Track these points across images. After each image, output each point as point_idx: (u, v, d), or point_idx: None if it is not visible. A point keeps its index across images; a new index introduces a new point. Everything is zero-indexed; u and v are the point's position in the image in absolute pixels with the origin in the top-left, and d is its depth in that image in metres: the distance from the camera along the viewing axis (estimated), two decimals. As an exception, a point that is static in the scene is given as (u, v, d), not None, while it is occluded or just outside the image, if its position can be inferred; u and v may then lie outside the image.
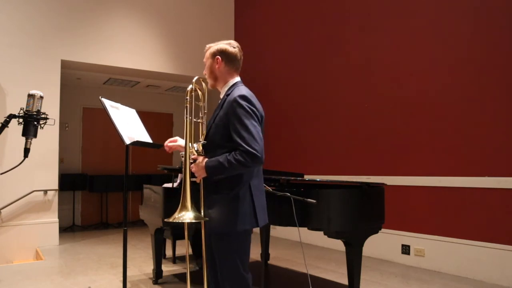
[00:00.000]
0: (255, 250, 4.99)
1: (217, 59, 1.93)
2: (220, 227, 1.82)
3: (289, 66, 6.07)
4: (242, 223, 1.80)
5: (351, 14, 5.09)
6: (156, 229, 3.54)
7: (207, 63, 1.98)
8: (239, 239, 1.84)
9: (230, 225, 1.80)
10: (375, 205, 3.00)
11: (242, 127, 1.74)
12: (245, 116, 1.76)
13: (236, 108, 1.78)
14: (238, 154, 1.72)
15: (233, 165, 1.71)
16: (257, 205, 1.85)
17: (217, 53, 1.94)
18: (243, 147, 1.71)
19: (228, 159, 1.73)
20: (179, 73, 6.61)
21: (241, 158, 1.71)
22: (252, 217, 1.83)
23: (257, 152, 1.71)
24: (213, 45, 1.98)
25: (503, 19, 3.61)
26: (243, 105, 1.78)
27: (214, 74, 1.96)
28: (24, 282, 3.65)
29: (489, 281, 3.57)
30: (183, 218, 1.72)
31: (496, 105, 3.63)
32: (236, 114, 1.77)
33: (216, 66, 1.94)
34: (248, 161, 1.71)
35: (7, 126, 2.14)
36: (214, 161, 1.77)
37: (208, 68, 1.98)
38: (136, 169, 7.56)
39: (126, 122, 2.71)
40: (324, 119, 5.40)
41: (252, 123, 1.76)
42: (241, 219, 1.80)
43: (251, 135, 1.72)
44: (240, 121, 1.75)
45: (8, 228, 5.02)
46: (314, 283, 3.48)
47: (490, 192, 3.61)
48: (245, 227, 1.82)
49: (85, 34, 5.77)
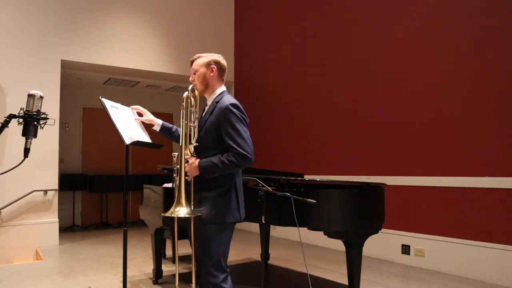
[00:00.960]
0: (255, 250, 5.01)
1: (212, 68, 2.12)
2: (212, 217, 2.00)
3: (289, 66, 6.07)
4: (230, 216, 2.02)
5: (351, 14, 5.09)
6: (156, 229, 3.54)
7: (200, 71, 2.13)
8: (226, 230, 2.04)
9: (221, 217, 2.00)
10: (375, 205, 3.00)
11: (235, 131, 1.96)
12: (237, 122, 1.98)
13: (228, 114, 1.98)
14: (231, 155, 1.93)
15: (226, 165, 1.93)
16: (240, 200, 2.08)
17: (212, 63, 2.13)
18: (236, 150, 1.93)
19: (221, 160, 1.94)
20: (179, 73, 6.61)
21: (234, 159, 1.93)
22: (236, 211, 2.05)
23: (248, 153, 1.94)
24: (205, 55, 2.16)
25: (503, 19, 3.61)
26: (235, 112, 1.99)
27: (206, 81, 2.13)
28: (24, 282, 3.65)
29: (489, 281, 3.57)
30: (178, 213, 1.90)
31: (496, 105, 3.63)
32: (229, 120, 1.98)
33: (211, 75, 2.13)
34: (241, 161, 1.93)
35: (7, 126, 2.14)
36: (207, 161, 1.98)
37: (201, 76, 2.13)
38: (136, 169, 7.56)
39: (126, 122, 2.71)
40: (324, 119, 5.40)
41: (243, 128, 1.99)
42: (230, 212, 2.02)
43: (243, 139, 1.95)
44: (233, 126, 1.97)
45: (8, 228, 5.02)
46: (314, 283, 3.48)
47: (490, 192, 3.61)
48: (232, 219, 2.04)
49: (85, 34, 5.77)
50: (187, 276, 3.73)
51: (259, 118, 6.37)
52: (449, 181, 3.92)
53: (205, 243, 2.03)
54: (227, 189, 2.03)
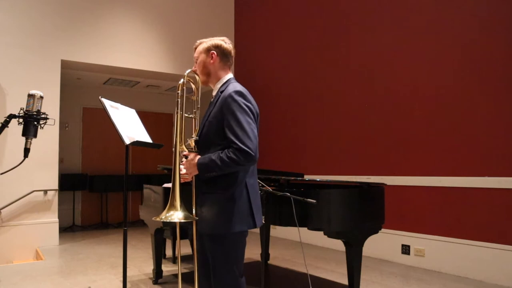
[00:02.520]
0: (255, 250, 5.00)
1: (212, 54, 1.87)
2: (215, 228, 1.73)
3: (289, 65, 6.07)
4: (239, 224, 1.71)
5: (351, 13, 5.09)
6: (156, 229, 3.54)
7: (200, 58, 1.90)
8: (235, 241, 1.75)
9: (226, 226, 1.71)
10: (375, 205, 3.00)
11: (236, 123, 1.67)
12: (240, 112, 1.69)
13: (230, 103, 1.70)
14: (231, 151, 1.65)
15: (225, 162, 1.64)
16: (253, 204, 1.76)
17: (212, 48, 1.88)
18: (237, 145, 1.64)
19: (220, 157, 1.66)
20: (179, 73, 6.61)
21: (234, 156, 1.63)
22: (249, 217, 1.74)
23: (250, 150, 1.63)
24: (206, 41, 1.92)
25: (503, 19, 3.61)
26: (238, 101, 1.71)
27: (207, 69, 1.89)
28: (24, 282, 3.65)
29: (489, 281, 3.57)
30: (171, 218, 1.64)
31: (496, 105, 3.63)
32: (231, 110, 1.70)
33: (211, 61, 1.87)
34: (241, 159, 1.64)
35: (7, 126, 2.13)
36: (206, 158, 1.71)
37: (201, 63, 1.89)
38: (136, 169, 7.56)
39: (126, 122, 2.71)
40: (324, 119, 5.40)
41: (246, 120, 1.69)
42: (238, 219, 1.71)
43: (245, 132, 1.65)
44: (235, 117, 1.68)
45: (8, 228, 5.02)
46: (314, 283, 3.48)
47: (490, 192, 3.61)
48: (241, 228, 1.73)
49: (85, 34, 5.77)
50: (186, 276, 3.73)
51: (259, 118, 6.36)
52: (449, 181, 3.92)
53: (212, 256, 1.76)
54: (234, 191, 1.73)
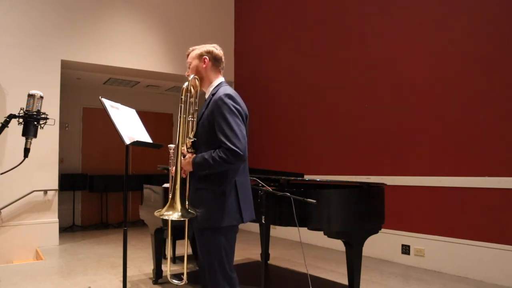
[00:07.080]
0: (255, 250, 5.00)
1: (204, 59, 2.02)
2: (206, 221, 1.87)
3: (289, 66, 6.07)
4: (228, 219, 1.86)
5: (352, 14, 5.09)
6: (156, 229, 3.54)
7: (193, 64, 2.05)
8: (225, 235, 1.88)
9: (216, 220, 1.85)
10: (375, 205, 3.00)
11: (226, 125, 1.81)
12: (229, 114, 1.83)
13: (221, 106, 1.84)
14: (221, 151, 1.78)
15: (216, 161, 1.78)
16: (242, 201, 1.90)
17: (204, 54, 2.03)
18: (226, 145, 1.77)
19: (212, 156, 1.80)
20: (179, 73, 6.61)
21: (224, 155, 1.77)
22: (237, 213, 1.88)
23: (239, 150, 1.77)
24: (198, 47, 2.07)
25: (503, 19, 3.61)
26: (228, 103, 1.85)
27: (200, 74, 2.03)
28: (24, 282, 3.65)
29: (489, 281, 3.57)
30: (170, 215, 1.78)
31: (496, 105, 3.63)
32: (221, 112, 1.83)
33: (203, 66, 2.02)
34: (231, 158, 1.77)
35: (7, 126, 2.13)
36: (200, 157, 1.85)
37: (194, 68, 2.04)
38: (136, 169, 7.56)
39: (126, 122, 2.71)
40: (324, 119, 5.40)
41: (235, 121, 1.83)
42: (227, 214, 1.85)
43: (234, 133, 1.79)
44: (225, 119, 1.82)
45: (8, 228, 5.02)
46: (314, 283, 3.48)
47: (490, 192, 3.61)
48: (230, 222, 1.87)
49: (85, 34, 5.77)
50: (187, 276, 3.72)
51: (259, 118, 6.37)
52: (449, 181, 3.92)
53: (204, 250, 1.91)
54: (224, 189, 1.87)
